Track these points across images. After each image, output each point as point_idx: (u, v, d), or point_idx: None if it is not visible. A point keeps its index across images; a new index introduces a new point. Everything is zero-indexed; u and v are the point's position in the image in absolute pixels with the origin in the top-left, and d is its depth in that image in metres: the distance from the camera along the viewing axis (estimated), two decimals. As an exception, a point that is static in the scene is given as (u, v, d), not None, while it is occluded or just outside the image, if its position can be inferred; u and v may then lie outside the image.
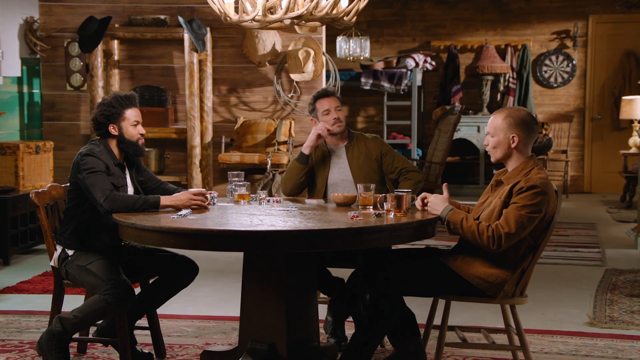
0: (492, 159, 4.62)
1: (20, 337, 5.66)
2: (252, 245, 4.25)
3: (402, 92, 12.35)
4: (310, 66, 9.00)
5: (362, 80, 12.34)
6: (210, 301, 6.56)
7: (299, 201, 5.29)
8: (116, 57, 9.24)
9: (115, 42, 9.21)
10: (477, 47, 13.46)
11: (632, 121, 12.13)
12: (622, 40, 13.27)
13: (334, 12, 4.83)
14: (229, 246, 4.34)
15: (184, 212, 4.65)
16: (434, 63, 13.05)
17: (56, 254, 4.94)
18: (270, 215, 4.65)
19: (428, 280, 4.58)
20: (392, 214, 4.57)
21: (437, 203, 4.55)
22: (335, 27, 5.15)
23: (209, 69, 9.05)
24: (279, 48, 9.16)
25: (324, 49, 9.09)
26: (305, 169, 5.44)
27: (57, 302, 4.97)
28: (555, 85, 13.45)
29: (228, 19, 4.89)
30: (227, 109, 9.36)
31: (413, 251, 4.90)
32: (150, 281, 5.13)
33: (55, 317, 4.77)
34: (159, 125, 8.98)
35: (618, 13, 13.15)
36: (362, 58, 11.29)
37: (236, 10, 5.05)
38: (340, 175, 5.46)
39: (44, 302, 6.60)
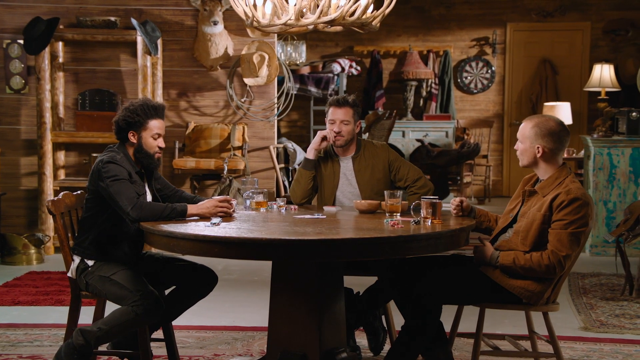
0: (520, 164, 4.66)
1: (17, 351, 5.43)
2: (303, 253, 4.15)
3: (329, 97, 12.32)
4: (264, 70, 8.91)
5: (288, 84, 12.25)
6: (195, 310, 6.28)
7: (317, 209, 5.22)
8: (61, 60, 8.93)
9: (60, 44, 8.90)
10: (400, 53, 13.59)
11: (553, 127, 12.42)
12: (539, 47, 13.61)
13: (364, 16, 4.78)
14: (279, 255, 4.20)
15: (215, 220, 4.52)
16: (359, 68, 13.11)
17: (74, 265, 4.74)
18: (307, 223, 4.57)
19: (468, 288, 4.58)
20: (429, 221, 4.54)
21: (483, 252, 4.55)
22: (358, 31, 5.10)
23: (159, 73, 8.85)
24: (230, 52, 9.02)
25: (278, 54, 8.99)
26: (312, 174, 5.38)
27: (74, 315, 4.77)
28: (475, 91, 13.70)
29: (255, 23, 4.78)
30: (176, 113, 9.17)
31: (441, 259, 4.89)
32: (167, 292, 4.97)
33: (76, 330, 4.57)
34: (109, 130, 8.59)
35: (534, 21, 13.51)
36: (298, 63, 11.24)
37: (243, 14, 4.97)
38: (347, 187, 5.42)
39: (20, 314, 6.38)
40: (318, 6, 4.76)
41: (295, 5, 4.64)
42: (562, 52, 13.59)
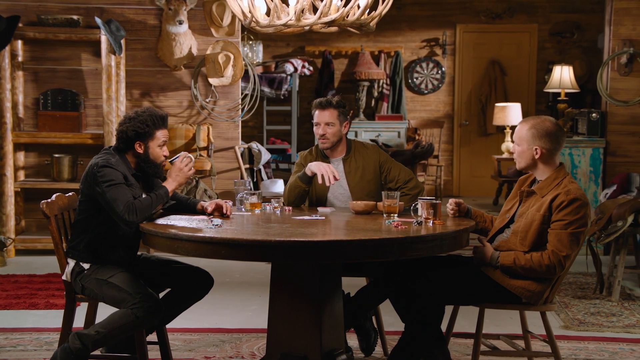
0: (517, 167, 4.69)
1: (1, 356, 5.32)
2: (312, 255, 4.14)
3: (282, 97, 12.31)
4: (229, 71, 8.85)
5: (242, 85, 12.20)
6: (174, 313, 6.31)
7: (310, 210, 5.19)
8: (20, 59, 8.74)
9: (19, 42, 8.71)
10: (351, 53, 13.61)
11: (503, 127, 12.56)
12: (488, 49, 13.75)
13: (363, 17, 4.78)
14: (288, 257, 4.16)
15: (216, 221, 4.49)
16: (311, 68, 13.09)
17: (69, 268, 4.66)
18: (308, 224, 4.55)
19: (469, 288, 4.61)
20: (431, 222, 4.55)
21: (483, 253, 4.57)
22: (354, 32, 5.09)
23: (122, 72, 8.70)
24: (195, 51, 8.92)
25: (243, 53, 8.93)
26: (307, 189, 5.31)
27: (69, 318, 4.69)
28: (425, 91, 13.78)
29: (253, 23, 4.74)
30: (139, 113, 9.03)
31: (439, 260, 4.90)
32: (161, 295, 4.90)
33: (72, 334, 4.49)
34: (73, 130, 8.55)
35: (483, 23, 13.63)
36: (255, 62, 11.18)
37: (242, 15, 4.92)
38: (338, 189, 5.39)
39: (-6, 319, 6.26)
40: (315, 7, 4.75)
41: (297, 4, 4.61)
42: (510, 53, 13.74)
